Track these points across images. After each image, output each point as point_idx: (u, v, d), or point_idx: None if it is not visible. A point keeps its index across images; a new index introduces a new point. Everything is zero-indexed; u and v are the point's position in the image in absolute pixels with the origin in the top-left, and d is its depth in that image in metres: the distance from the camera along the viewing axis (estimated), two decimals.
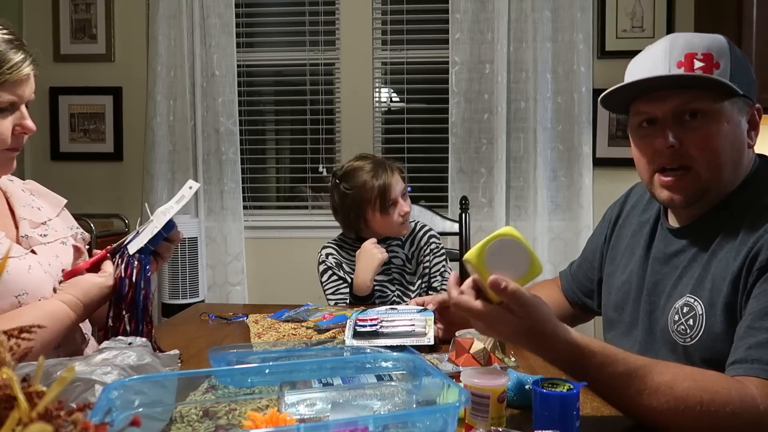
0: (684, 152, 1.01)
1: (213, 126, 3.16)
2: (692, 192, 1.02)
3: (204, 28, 3.13)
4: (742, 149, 1.03)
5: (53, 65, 3.25)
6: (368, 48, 3.21)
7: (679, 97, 1.01)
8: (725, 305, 0.95)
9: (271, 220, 3.28)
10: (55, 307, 1.06)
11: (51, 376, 0.75)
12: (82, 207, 2.89)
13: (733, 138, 1.01)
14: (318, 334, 1.39)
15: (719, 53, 1.00)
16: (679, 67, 1.00)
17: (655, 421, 0.86)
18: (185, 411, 0.84)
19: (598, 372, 0.85)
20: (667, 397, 0.84)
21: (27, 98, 1.09)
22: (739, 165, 1.03)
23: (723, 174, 1.01)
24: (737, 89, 0.98)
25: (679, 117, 1.01)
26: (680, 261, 1.07)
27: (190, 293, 2.99)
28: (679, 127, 1.01)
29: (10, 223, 1.17)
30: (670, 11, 3.05)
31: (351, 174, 1.85)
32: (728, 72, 0.99)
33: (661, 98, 1.02)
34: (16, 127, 1.08)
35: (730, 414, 0.82)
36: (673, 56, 1.00)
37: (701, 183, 1.01)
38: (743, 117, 1.03)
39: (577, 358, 0.86)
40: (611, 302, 1.23)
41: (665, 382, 0.84)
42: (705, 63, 0.99)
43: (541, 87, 3.01)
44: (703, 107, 1.00)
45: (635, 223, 1.22)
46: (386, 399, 0.85)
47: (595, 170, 3.04)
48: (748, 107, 1.04)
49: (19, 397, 0.42)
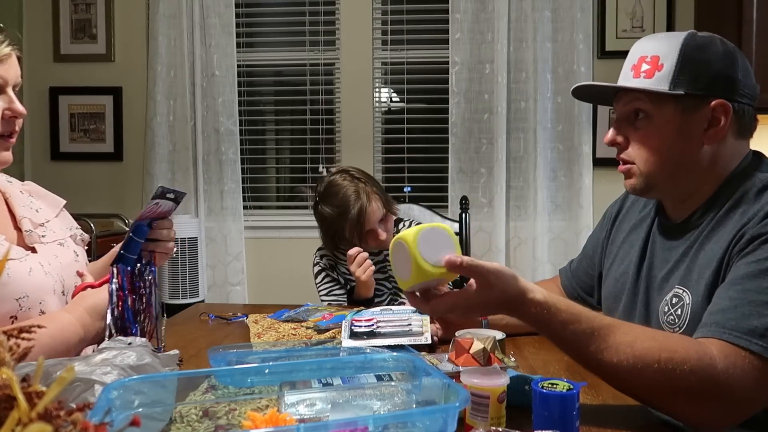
0: (627, 150, 1.10)
1: (213, 126, 3.16)
2: (638, 183, 1.10)
3: (204, 28, 3.13)
4: (688, 148, 1.05)
5: (53, 65, 3.26)
6: (368, 48, 3.21)
7: (628, 99, 1.09)
8: (708, 291, 0.98)
9: (271, 220, 3.28)
10: (66, 321, 1.05)
11: (51, 376, 0.75)
12: (82, 207, 2.89)
13: (673, 137, 1.05)
14: (318, 334, 1.39)
15: (666, 54, 1.04)
16: (632, 70, 1.08)
17: (615, 379, 0.91)
18: (185, 411, 0.84)
19: (562, 329, 0.91)
20: (626, 355, 0.88)
21: (13, 81, 1.09)
22: (690, 164, 1.06)
23: (664, 171, 1.07)
24: (667, 92, 1.02)
25: (629, 117, 1.10)
26: (673, 255, 1.10)
27: (190, 293, 2.99)
28: (629, 125, 1.10)
29: (9, 225, 1.17)
30: (670, 11, 3.05)
31: (332, 195, 1.82)
32: (671, 73, 1.03)
33: (619, 98, 1.12)
34: (6, 111, 1.07)
35: (688, 372, 0.85)
36: (630, 60, 1.10)
37: (644, 177, 1.09)
38: (695, 114, 1.03)
39: (544, 315, 0.92)
40: (610, 295, 1.25)
41: (626, 341, 0.89)
42: (651, 66, 1.06)
43: (541, 87, 3.01)
44: (643, 108, 1.07)
45: (634, 219, 1.25)
46: (386, 399, 0.85)
47: (595, 170, 3.04)
48: (705, 104, 1.03)
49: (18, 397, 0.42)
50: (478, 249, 3.03)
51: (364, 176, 1.86)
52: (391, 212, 1.83)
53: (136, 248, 1.15)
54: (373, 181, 1.86)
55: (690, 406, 0.87)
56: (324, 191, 1.84)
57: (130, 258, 1.15)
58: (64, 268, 1.17)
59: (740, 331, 0.88)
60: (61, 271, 1.16)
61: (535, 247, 3.05)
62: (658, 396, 0.89)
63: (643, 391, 0.91)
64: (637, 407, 0.96)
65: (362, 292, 1.78)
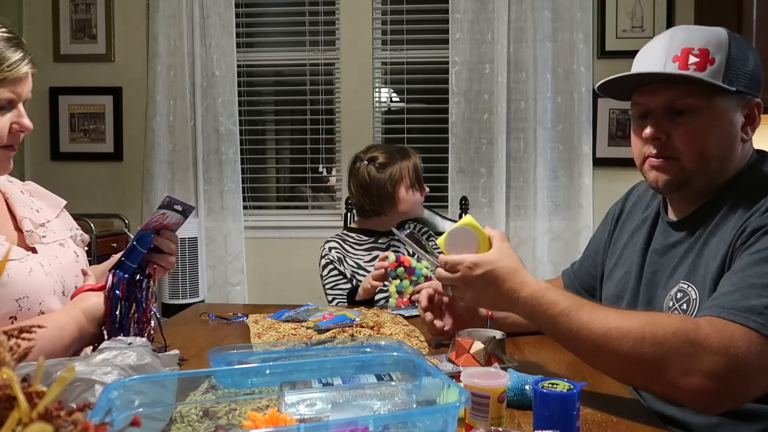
0: (671, 145, 1.06)
1: (213, 126, 3.16)
2: (676, 178, 1.07)
3: (204, 28, 3.13)
4: (731, 144, 1.06)
5: (53, 65, 3.25)
6: (368, 48, 3.21)
7: (670, 92, 1.04)
8: (714, 285, 0.98)
9: (271, 220, 3.29)
10: (63, 322, 1.05)
11: (51, 376, 0.75)
12: (82, 207, 2.89)
13: (721, 133, 1.04)
14: (318, 334, 1.39)
15: (716, 48, 1.02)
16: (674, 61, 1.03)
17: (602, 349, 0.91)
18: (185, 411, 0.84)
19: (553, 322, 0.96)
20: (610, 324, 0.91)
21: (25, 97, 1.10)
22: (728, 159, 1.06)
23: (708, 167, 1.05)
24: (727, 87, 1.01)
25: (670, 110, 1.05)
26: (677, 252, 1.10)
27: (190, 293, 2.99)
28: (668, 120, 1.06)
29: (10, 225, 1.17)
30: (670, 11, 3.05)
31: (379, 156, 1.92)
32: (723, 68, 1.01)
33: (654, 91, 1.06)
34: (13, 125, 1.08)
35: (672, 332, 0.87)
36: (670, 50, 1.04)
37: (685, 173, 1.06)
38: (737, 112, 1.05)
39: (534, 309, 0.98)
40: (611, 293, 1.26)
41: (615, 315, 0.93)
42: (700, 58, 1.02)
43: (541, 87, 3.01)
44: (692, 103, 1.03)
45: (637, 219, 1.26)
46: (386, 399, 0.85)
47: (595, 170, 3.04)
48: (745, 102, 1.06)
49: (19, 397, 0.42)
50: None
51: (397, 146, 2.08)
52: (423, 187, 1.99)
53: (138, 257, 1.15)
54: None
55: (678, 374, 0.86)
56: (371, 157, 1.93)
57: (130, 266, 1.15)
58: (65, 269, 1.17)
59: (738, 309, 0.87)
60: (61, 272, 1.15)
61: (535, 247, 3.05)
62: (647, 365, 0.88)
63: (630, 362, 0.90)
64: (638, 407, 0.96)
65: (365, 294, 1.79)
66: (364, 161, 1.92)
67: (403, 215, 1.96)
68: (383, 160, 1.90)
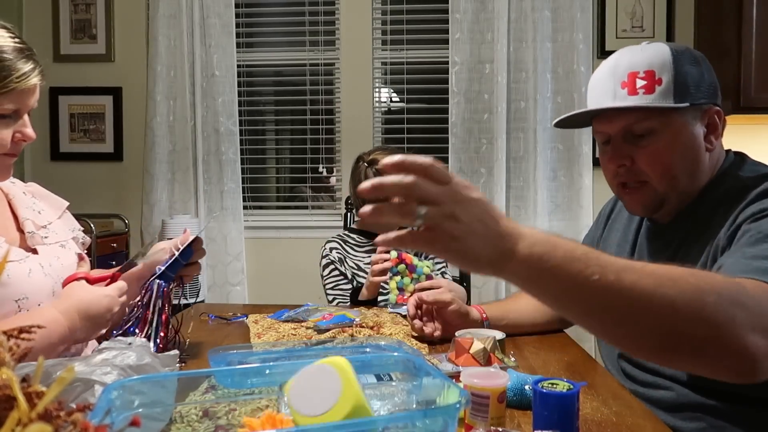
0: (637, 169, 1.07)
1: (213, 126, 3.16)
2: (650, 203, 1.09)
3: (204, 28, 3.13)
4: (696, 157, 1.06)
5: (53, 65, 3.25)
6: (368, 48, 3.21)
7: (626, 118, 1.06)
8: None
9: (271, 220, 3.28)
10: (49, 315, 1.03)
11: (51, 376, 0.75)
12: (82, 207, 2.89)
13: (683, 149, 1.05)
14: (318, 334, 1.39)
15: (661, 68, 1.03)
16: (623, 87, 1.04)
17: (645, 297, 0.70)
18: (185, 411, 0.84)
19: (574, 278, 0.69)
20: (660, 272, 0.73)
21: (31, 107, 1.09)
22: (695, 172, 1.07)
23: (678, 183, 1.06)
24: (676, 105, 1.01)
25: (630, 135, 1.07)
26: (661, 256, 1.10)
27: (190, 293, 2.98)
28: (631, 145, 1.07)
29: (12, 226, 1.17)
30: (670, 11, 3.05)
31: (380, 159, 1.89)
32: (671, 86, 1.02)
33: (610, 119, 1.08)
34: (16, 133, 1.08)
35: (733, 284, 0.75)
36: (617, 76, 1.05)
37: (658, 194, 1.08)
38: (696, 124, 1.06)
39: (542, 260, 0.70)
40: None
41: (657, 266, 0.74)
42: (647, 81, 1.03)
43: (541, 87, 3.01)
44: (649, 126, 1.04)
45: (625, 221, 1.27)
46: (386, 399, 0.85)
47: (595, 170, 3.03)
48: (702, 112, 1.06)
49: (18, 397, 0.42)
50: None
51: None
52: None
53: (176, 268, 1.22)
54: None
55: (744, 330, 0.72)
56: (373, 159, 1.92)
57: (170, 276, 1.20)
58: (65, 270, 1.17)
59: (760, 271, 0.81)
60: (61, 273, 1.15)
61: None
62: (709, 320, 0.72)
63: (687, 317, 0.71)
64: (637, 407, 0.96)
65: (369, 293, 1.78)
66: (365, 162, 1.93)
67: None
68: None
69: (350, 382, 0.63)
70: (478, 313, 1.34)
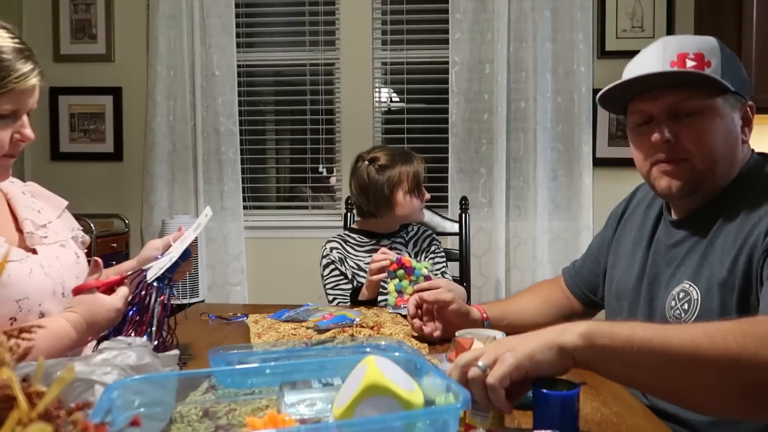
0: (680, 147, 1.06)
1: (213, 126, 3.16)
2: (688, 181, 1.06)
3: (204, 28, 3.13)
4: (735, 144, 1.07)
5: (53, 65, 3.25)
6: (368, 48, 3.21)
7: (673, 95, 1.05)
8: (721, 285, 0.98)
9: (271, 220, 3.29)
10: (58, 327, 1.03)
11: (51, 376, 0.75)
12: (82, 207, 2.89)
13: (726, 133, 1.05)
14: (318, 334, 1.39)
15: (710, 53, 1.04)
16: (672, 66, 1.04)
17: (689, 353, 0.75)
18: (185, 411, 0.84)
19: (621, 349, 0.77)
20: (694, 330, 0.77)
21: (30, 107, 1.09)
22: (733, 159, 1.07)
23: (718, 167, 1.06)
24: (728, 86, 1.02)
25: (674, 114, 1.06)
26: (679, 252, 1.10)
27: (190, 293, 2.99)
28: (675, 123, 1.06)
29: (11, 226, 1.17)
30: (670, 11, 3.05)
31: (381, 158, 1.91)
32: (719, 70, 1.03)
33: (656, 96, 1.07)
34: (15, 134, 1.07)
35: None
36: (666, 56, 1.05)
37: (696, 174, 1.06)
38: (736, 113, 1.07)
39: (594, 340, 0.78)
40: (613, 292, 1.26)
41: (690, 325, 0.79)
42: (697, 62, 1.03)
43: (541, 87, 3.01)
44: (696, 105, 1.04)
45: (639, 218, 1.26)
46: None
47: (595, 170, 3.04)
48: (740, 104, 1.08)
49: (19, 397, 0.42)
50: (478, 249, 3.03)
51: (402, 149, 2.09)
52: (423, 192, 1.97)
53: (174, 269, 1.20)
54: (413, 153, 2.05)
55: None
56: (373, 157, 1.92)
57: (167, 276, 1.19)
58: (65, 270, 1.17)
59: None
60: (61, 273, 1.15)
61: (535, 247, 3.05)
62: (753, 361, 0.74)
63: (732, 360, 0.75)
64: (638, 407, 0.96)
65: (369, 292, 1.78)
66: (365, 161, 1.92)
67: (402, 219, 1.95)
68: (384, 162, 1.90)
69: (373, 368, 0.70)
70: (478, 312, 1.33)
